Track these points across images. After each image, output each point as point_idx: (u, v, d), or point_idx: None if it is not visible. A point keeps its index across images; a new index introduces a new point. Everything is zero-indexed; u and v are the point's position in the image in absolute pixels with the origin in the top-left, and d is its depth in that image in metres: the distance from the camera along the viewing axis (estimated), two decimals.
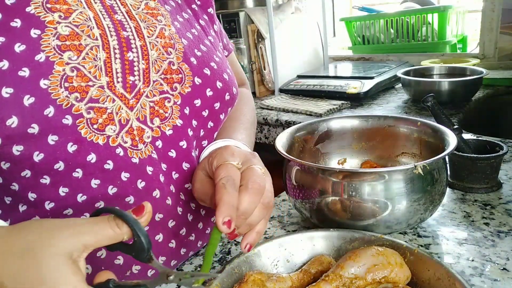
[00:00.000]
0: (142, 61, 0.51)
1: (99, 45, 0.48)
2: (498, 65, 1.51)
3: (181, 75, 0.54)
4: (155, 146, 0.52)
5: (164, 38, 0.55)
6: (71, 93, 0.45)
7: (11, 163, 0.44)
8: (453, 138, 0.60)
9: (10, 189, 0.47)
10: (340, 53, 2.09)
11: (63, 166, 0.46)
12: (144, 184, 0.51)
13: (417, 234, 0.61)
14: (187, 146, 0.55)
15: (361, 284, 0.44)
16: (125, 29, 0.51)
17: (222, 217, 0.40)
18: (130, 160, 0.50)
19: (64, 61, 0.45)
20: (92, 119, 0.46)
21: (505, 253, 0.54)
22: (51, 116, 0.43)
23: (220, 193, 0.42)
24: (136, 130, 0.50)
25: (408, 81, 1.32)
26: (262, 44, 1.61)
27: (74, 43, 0.46)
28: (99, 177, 0.48)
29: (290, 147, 0.68)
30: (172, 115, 0.53)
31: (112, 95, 0.48)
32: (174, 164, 0.54)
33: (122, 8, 0.53)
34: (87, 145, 0.46)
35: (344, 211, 0.56)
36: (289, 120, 1.31)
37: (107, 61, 0.48)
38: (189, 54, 0.56)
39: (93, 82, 0.47)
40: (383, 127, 0.72)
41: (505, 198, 0.68)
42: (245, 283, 0.44)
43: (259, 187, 0.44)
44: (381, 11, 1.86)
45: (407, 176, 0.55)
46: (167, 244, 0.57)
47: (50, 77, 0.44)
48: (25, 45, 0.43)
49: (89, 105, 0.46)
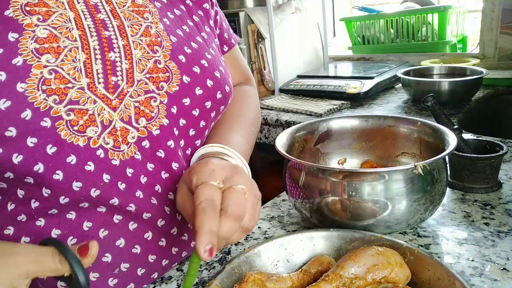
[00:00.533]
0: (125, 60, 0.51)
1: (78, 47, 0.48)
2: (498, 65, 1.51)
3: (168, 73, 0.54)
4: (140, 146, 0.51)
5: (149, 36, 0.54)
6: (49, 95, 0.44)
7: None
8: (453, 138, 0.60)
9: None
10: (340, 53, 2.09)
11: (42, 168, 0.45)
12: (124, 186, 0.51)
13: (417, 234, 0.61)
14: (174, 146, 0.55)
15: (361, 284, 0.44)
16: (107, 29, 0.51)
17: (203, 245, 0.38)
18: (110, 162, 0.49)
19: (42, 64, 0.45)
20: (72, 121, 0.46)
21: (505, 253, 0.54)
22: (29, 119, 0.43)
23: (200, 219, 0.40)
24: (120, 130, 0.50)
25: (408, 81, 1.32)
26: (262, 44, 1.61)
27: (52, 46, 0.46)
28: (80, 179, 0.47)
29: (290, 147, 0.68)
30: (158, 115, 0.53)
31: (93, 96, 0.48)
32: (164, 164, 0.54)
33: (107, 6, 0.53)
34: (67, 147, 0.46)
35: (344, 211, 0.56)
36: (289, 120, 1.31)
37: (87, 62, 0.48)
38: (178, 52, 0.56)
39: (73, 84, 0.46)
40: (383, 127, 0.72)
41: (505, 198, 0.68)
42: (245, 283, 0.44)
43: (240, 212, 0.43)
44: (381, 11, 1.86)
45: (407, 176, 0.55)
46: (156, 242, 0.56)
47: (27, 80, 0.43)
48: (2, 49, 0.43)
49: (68, 107, 0.46)
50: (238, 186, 0.44)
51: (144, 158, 0.52)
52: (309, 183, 0.59)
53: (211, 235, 0.39)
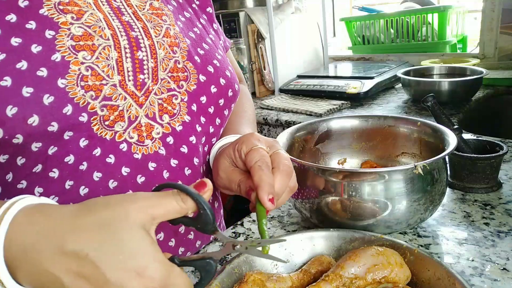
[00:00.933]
0: (151, 59, 0.53)
1: (111, 45, 0.50)
2: (498, 65, 1.51)
3: (186, 73, 0.56)
4: (164, 142, 0.54)
5: (170, 37, 0.56)
6: (86, 91, 0.46)
7: (26, 159, 0.45)
8: (453, 138, 0.60)
9: (16, 188, 0.47)
10: (340, 53, 2.09)
11: (73, 159, 0.47)
12: (144, 180, 0.52)
13: (417, 234, 0.60)
14: (196, 142, 0.57)
15: (361, 284, 0.44)
16: (134, 30, 0.53)
17: (266, 195, 0.43)
18: (132, 156, 0.51)
19: (79, 60, 0.46)
20: (104, 116, 0.48)
21: (505, 253, 0.54)
22: (69, 114, 0.45)
23: (258, 174, 0.44)
24: (145, 126, 0.52)
25: (408, 81, 1.32)
26: (262, 44, 1.61)
27: (88, 43, 0.48)
28: (102, 170, 0.49)
29: (290, 147, 0.68)
30: (180, 112, 0.55)
31: (123, 93, 0.50)
32: (187, 160, 0.56)
33: (129, 9, 0.55)
34: (97, 140, 0.48)
35: (344, 211, 0.56)
36: (289, 120, 1.31)
37: (118, 60, 0.50)
38: (193, 53, 0.58)
39: (106, 80, 0.48)
40: (383, 127, 0.72)
41: (505, 198, 0.68)
42: (245, 283, 0.44)
43: (289, 169, 0.47)
44: (381, 11, 1.86)
45: (407, 176, 0.55)
46: (167, 243, 0.57)
47: (66, 76, 0.45)
48: (41, 46, 0.44)
49: (103, 103, 0.47)
50: (281, 151, 0.49)
51: (168, 153, 0.54)
52: (309, 183, 0.59)
53: (271, 187, 0.44)
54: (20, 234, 0.33)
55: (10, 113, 0.42)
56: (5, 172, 0.46)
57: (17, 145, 0.43)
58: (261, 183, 0.44)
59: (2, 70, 0.42)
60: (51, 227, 0.33)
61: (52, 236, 0.32)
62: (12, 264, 0.33)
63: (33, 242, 0.32)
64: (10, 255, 0.33)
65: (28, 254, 0.32)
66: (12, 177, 0.47)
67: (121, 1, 0.54)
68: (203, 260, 0.37)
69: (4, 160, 0.45)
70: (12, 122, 0.42)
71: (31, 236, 0.33)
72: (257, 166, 0.45)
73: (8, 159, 0.45)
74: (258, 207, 0.44)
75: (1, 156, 0.44)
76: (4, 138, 0.42)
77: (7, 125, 0.42)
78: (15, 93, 0.42)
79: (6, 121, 0.42)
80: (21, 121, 0.42)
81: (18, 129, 0.42)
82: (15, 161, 0.45)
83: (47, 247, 0.32)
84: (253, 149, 0.48)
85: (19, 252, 0.33)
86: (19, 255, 0.33)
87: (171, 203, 0.35)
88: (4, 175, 0.46)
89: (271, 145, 0.50)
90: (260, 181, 0.44)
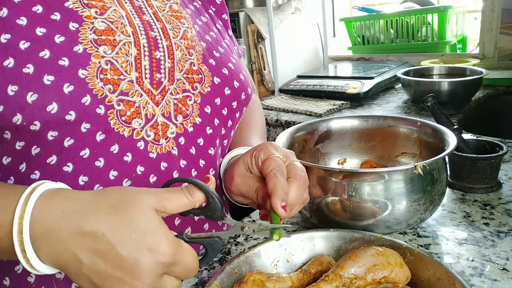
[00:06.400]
0: (168, 60, 0.54)
1: (131, 42, 0.51)
2: (498, 65, 1.51)
3: (201, 75, 0.57)
4: (177, 142, 0.54)
5: (187, 39, 0.57)
6: (105, 84, 0.47)
7: (41, 148, 0.46)
8: (453, 138, 0.60)
9: (30, 179, 0.47)
10: (340, 53, 2.09)
11: (88, 153, 0.48)
12: (155, 179, 0.53)
13: (417, 234, 0.61)
14: (203, 144, 0.57)
15: (361, 284, 0.44)
16: (153, 30, 0.54)
17: (279, 201, 0.44)
18: (148, 155, 0.52)
19: (100, 54, 0.47)
20: (121, 111, 0.48)
21: (505, 253, 0.54)
22: (87, 105, 0.46)
23: (273, 181, 0.46)
24: (161, 125, 0.52)
25: (408, 81, 1.32)
26: (262, 44, 1.61)
27: (109, 38, 0.49)
28: (118, 168, 0.50)
29: (290, 147, 0.68)
30: (192, 113, 0.56)
31: (140, 90, 0.50)
32: (194, 161, 0.56)
33: (149, 9, 0.56)
34: (114, 136, 0.49)
35: (344, 211, 0.56)
36: (289, 120, 1.31)
37: (137, 58, 0.51)
38: (208, 56, 0.59)
39: (124, 76, 0.49)
40: (383, 127, 0.72)
41: (505, 198, 0.68)
42: (245, 283, 0.44)
43: (305, 180, 0.49)
44: (381, 11, 1.86)
45: (407, 176, 0.55)
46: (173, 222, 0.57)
47: (87, 67, 0.46)
48: (64, 37, 0.46)
49: (119, 97, 0.48)
50: (297, 162, 0.51)
51: (179, 154, 0.55)
52: (309, 183, 0.58)
53: (284, 194, 0.45)
54: (42, 216, 0.36)
55: (30, 99, 0.43)
56: (19, 162, 0.47)
57: (34, 132, 0.44)
58: (275, 190, 0.45)
59: (26, 58, 0.43)
60: (70, 209, 0.36)
61: (71, 218, 0.36)
62: (34, 244, 0.36)
63: (53, 223, 0.36)
64: (33, 235, 0.36)
65: (50, 234, 0.36)
66: (26, 167, 0.47)
67: (143, 1, 0.56)
68: (211, 239, 0.41)
69: (20, 147, 0.45)
70: (32, 108, 0.43)
71: (52, 218, 0.36)
72: (272, 174, 0.47)
73: (23, 147, 0.45)
74: (272, 215, 0.45)
75: (18, 143, 0.45)
76: (22, 125, 0.43)
77: (26, 112, 0.43)
78: (36, 80, 0.43)
79: (26, 107, 0.43)
80: (40, 108, 0.43)
81: (36, 116, 0.43)
82: (30, 150, 0.46)
83: (66, 228, 0.36)
84: (270, 157, 0.49)
85: (41, 232, 0.36)
86: (41, 235, 0.36)
87: (181, 197, 0.39)
88: (18, 165, 0.47)
89: (287, 156, 0.51)
90: (274, 188, 0.45)
